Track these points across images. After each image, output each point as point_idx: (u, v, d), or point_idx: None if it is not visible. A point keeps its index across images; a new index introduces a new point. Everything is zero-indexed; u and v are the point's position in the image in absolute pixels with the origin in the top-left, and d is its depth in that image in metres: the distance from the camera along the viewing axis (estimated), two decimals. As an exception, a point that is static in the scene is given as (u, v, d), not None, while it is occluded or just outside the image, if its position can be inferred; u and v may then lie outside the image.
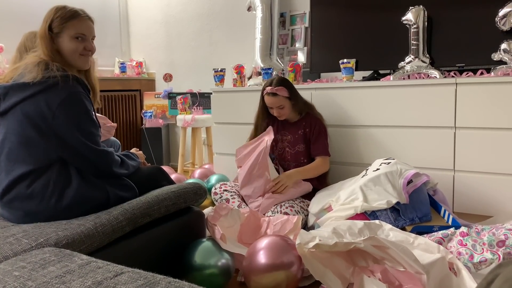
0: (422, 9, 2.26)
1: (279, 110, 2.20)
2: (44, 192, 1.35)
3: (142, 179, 1.63)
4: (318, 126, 2.23)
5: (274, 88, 2.16)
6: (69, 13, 1.46)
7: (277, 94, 2.16)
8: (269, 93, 2.18)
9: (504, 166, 1.96)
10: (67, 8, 1.47)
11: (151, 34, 4.14)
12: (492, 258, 1.42)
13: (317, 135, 2.22)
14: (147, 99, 4.01)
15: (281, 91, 2.16)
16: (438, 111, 2.09)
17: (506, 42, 2.06)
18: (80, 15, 1.48)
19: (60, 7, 1.47)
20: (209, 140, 3.47)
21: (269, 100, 2.20)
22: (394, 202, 1.74)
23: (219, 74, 2.86)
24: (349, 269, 1.40)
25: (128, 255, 1.36)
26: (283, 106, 2.19)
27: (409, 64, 2.31)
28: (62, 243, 1.17)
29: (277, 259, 1.40)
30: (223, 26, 3.68)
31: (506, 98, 1.93)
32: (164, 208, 1.50)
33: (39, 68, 1.38)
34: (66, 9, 1.46)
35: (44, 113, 1.35)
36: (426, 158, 2.14)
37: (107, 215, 1.34)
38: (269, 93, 2.18)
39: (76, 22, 1.46)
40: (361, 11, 2.61)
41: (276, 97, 2.17)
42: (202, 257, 1.48)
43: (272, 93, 2.17)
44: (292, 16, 3.25)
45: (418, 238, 1.53)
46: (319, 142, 2.22)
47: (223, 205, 1.76)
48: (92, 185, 1.43)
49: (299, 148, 2.25)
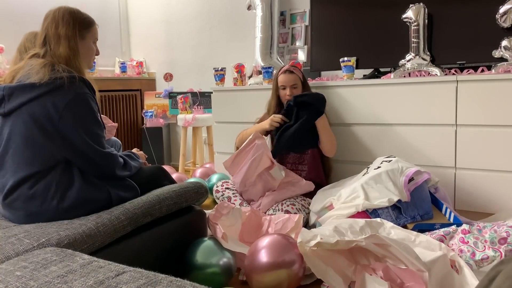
0: (423, 6, 2.25)
1: (292, 90, 2.26)
2: (46, 193, 1.35)
3: (143, 179, 1.63)
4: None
5: (292, 67, 2.31)
6: (90, 19, 1.56)
7: (293, 72, 2.27)
8: (286, 71, 2.28)
9: (505, 163, 1.96)
10: (84, 14, 1.54)
11: (151, 33, 4.14)
12: (494, 255, 1.42)
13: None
14: (147, 99, 4.01)
15: (297, 70, 2.30)
16: (439, 109, 2.09)
17: (507, 39, 2.06)
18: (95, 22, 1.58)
19: (77, 10, 1.52)
20: (210, 139, 3.47)
21: (284, 78, 2.27)
22: (395, 200, 1.74)
23: (219, 73, 2.86)
24: (350, 267, 1.40)
25: (130, 254, 1.37)
26: (296, 85, 2.27)
27: (409, 62, 2.31)
28: (63, 243, 1.17)
29: (279, 257, 1.40)
30: (223, 25, 3.68)
31: (507, 95, 1.93)
32: (165, 207, 1.50)
33: (46, 69, 1.39)
34: (84, 14, 1.54)
35: (51, 114, 1.36)
36: (427, 156, 2.13)
37: (109, 215, 1.34)
38: (286, 71, 2.28)
39: (95, 27, 1.57)
40: (361, 9, 2.61)
41: (292, 75, 2.26)
42: (204, 256, 1.48)
43: (289, 70, 2.28)
44: (292, 14, 3.25)
45: (420, 236, 1.53)
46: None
47: (224, 204, 1.76)
48: (94, 186, 1.43)
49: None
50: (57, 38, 1.45)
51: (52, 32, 1.45)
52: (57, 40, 1.45)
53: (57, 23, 1.45)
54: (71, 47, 1.45)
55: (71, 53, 1.45)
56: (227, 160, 2.16)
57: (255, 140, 2.10)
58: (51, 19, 1.46)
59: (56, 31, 1.45)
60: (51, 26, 1.46)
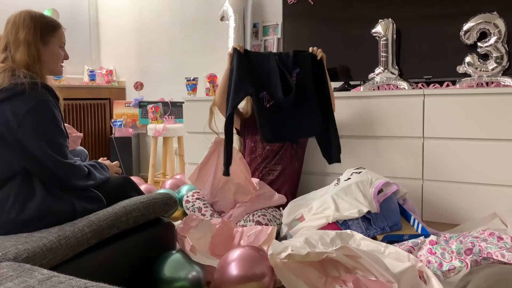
0: (391, 22, 2.32)
1: None
2: (3, 204, 1.28)
3: (110, 190, 1.57)
4: None
5: None
6: (55, 22, 1.50)
7: None
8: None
9: (470, 175, 2.02)
10: (48, 17, 1.48)
11: (122, 42, 4.07)
12: (460, 266, 1.45)
13: None
14: (117, 108, 3.92)
15: None
16: (407, 122, 2.14)
17: (470, 56, 2.14)
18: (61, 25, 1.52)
19: (40, 14, 1.46)
20: (181, 149, 3.42)
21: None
22: (365, 211, 1.76)
23: (191, 83, 2.84)
24: (321, 279, 1.39)
25: (94, 268, 1.31)
26: None
27: (378, 75, 2.36)
28: (21, 257, 1.11)
29: (249, 270, 1.38)
30: (196, 36, 3.66)
31: (471, 109, 2.00)
32: (132, 219, 1.45)
33: (5, 75, 1.33)
34: (48, 18, 1.48)
35: (9, 121, 1.29)
36: (395, 168, 2.17)
37: (72, 227, 1.28)
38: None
39: (61, 31, 1.51)
40: (332, 23, 2.66)
41: None
42: (172, 270, 1.44)
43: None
44: (264, 27, 3.27)
45: (389, 247, 1.54)
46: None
47: (193, 216, 1.72)
48: (57, 197, 1.37)
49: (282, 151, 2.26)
50: (17, 44, 1.39)
51: (12, 37, 1.40)
52: (17, 45, 1.39)
53: (18, 28, 1.40)
54: (31, 53, 1.39)
55: (31, 60, 1.39)
56: (192, 175, 2.13)
57: (216, 149, 2.09)
58: (11, 24, 1.41)
59: (16, 36, 1.39)
60: (11, 31, 1.40)
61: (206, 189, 2.10)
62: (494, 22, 2.08)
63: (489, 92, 1.98)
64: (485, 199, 1.99)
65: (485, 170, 1.98)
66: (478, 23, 2.11)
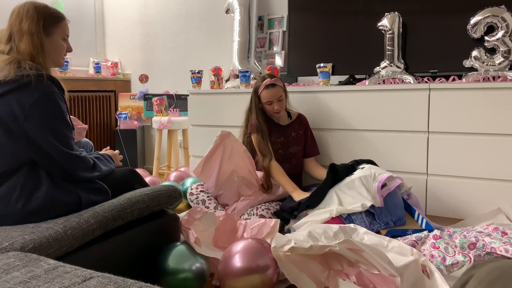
0: (397, 15, 2.30)
1: (279, 103, 2.18)
2: (10, 196, 1.30)
3: (115, 182, 1.58)
4: (310, 128, 2.32)
5: (273, 79, 2.19)
6: (59, 14, 1.48)
7: (276, 85, 2.18)
8: (269, 85, 2.17)
9: (475, 170, 2.01)
10: (52, 8, 1.47)
11: (127, 34, 4.07)
12: (463, 261, 1.45)
13: (311, 136, 2.31)
14: (122, 100, 3.93)
15: (279, 81, 2.22)
16: (412, 116, 2.13)
17: (477, 50, 2.12)
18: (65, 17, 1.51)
19: (44, 5, 1.45)
20: (186, 142, 3.43)
21: (269, 93, 2.17)
22: (368, 205, 1.76)
23: (196, 76, 2.83)
24: (324, 272, 1.39)
25: (99, 259, 1.32)
26: (282, 97, 2.19)
27: (384, 69, 2.35)
28: (28, 247, 1.12)
29: (252, 262, 1.39)
30: (201, 28, 3.65)
31: (477, 104, 1.99)
32: (137, 211, 1.46)
33: (11, 66, 1.33)
34: (52, 9, 1.47)
35: (16, 113, 1.30)
36: (400, 162, 2.17)
37: (77, 218, 1.30)
38: (269, 85, 2.17)
39: (64, 23, 1.49)
40: (338, 16, 2.64)
41: (276, 88, 2.17)
42: (176, 261, 1.45)
43: (272, 84, 2.17)
44: (270, 19, 3.26)
45: (392, 241, 1.54)
46: (314, 142, 2.31)
47: (197, 208, 1.73)
48: (62, 189, 1.38)
49: (292, 150, 2.26)
50: (21, 34, 1.39)
51: (16, 28, 1.40)
52: (20, 35, 1.39)
53: (21, 18, 1.40)
54: (34, 44, 1.39)
55: (34, 50, 1.39)
56: (196, 168, 2.13)
57: (221, 142, 2.09)
58: (16, 14, 1.41)
59: (20, 26, 1.39)
60: (15, 21, 1.40)
61: (211, 182, 2.11)
62: (502, 16, 2.05)
63: (496, 87, 1.96)
64: (490, 194, 1.98)
65: (490, 165, 1.97)
66: (486, 16, 2.09)
